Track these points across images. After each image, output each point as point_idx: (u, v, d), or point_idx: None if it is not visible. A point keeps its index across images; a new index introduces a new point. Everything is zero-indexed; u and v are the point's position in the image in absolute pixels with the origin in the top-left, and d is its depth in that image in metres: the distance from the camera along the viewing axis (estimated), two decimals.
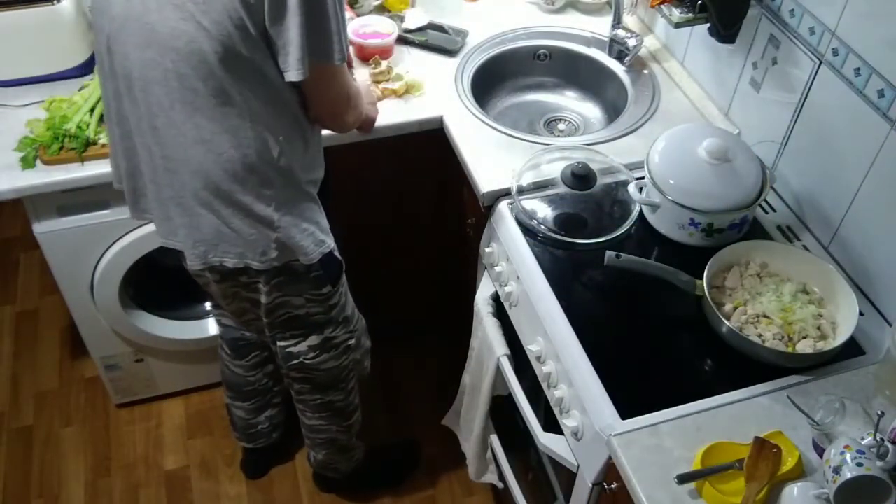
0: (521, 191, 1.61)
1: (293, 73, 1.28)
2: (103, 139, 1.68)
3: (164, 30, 1.24)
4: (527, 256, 1.51)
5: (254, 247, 1.43)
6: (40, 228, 1.77)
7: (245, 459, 2.22)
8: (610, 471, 1.27)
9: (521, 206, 1.59)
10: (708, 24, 1.65)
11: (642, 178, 1.56)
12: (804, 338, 1.33)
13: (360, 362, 1.85)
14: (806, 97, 1.50)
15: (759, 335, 1.33)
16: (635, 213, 1.58)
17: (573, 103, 2.04)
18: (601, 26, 2.04)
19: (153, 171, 1.40)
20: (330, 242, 1.53)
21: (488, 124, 1.78)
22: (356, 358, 1.81)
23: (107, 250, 1.85)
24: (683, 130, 1.57)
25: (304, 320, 1.62)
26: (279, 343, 1.69)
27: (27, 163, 1.68)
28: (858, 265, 1.45)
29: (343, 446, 2.00)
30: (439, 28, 2.01)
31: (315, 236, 1.48)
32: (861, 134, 1.38)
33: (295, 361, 1.70)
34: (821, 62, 1.45)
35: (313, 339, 1.67)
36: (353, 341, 1.75)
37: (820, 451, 1.19)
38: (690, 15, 1.65)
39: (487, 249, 1.67)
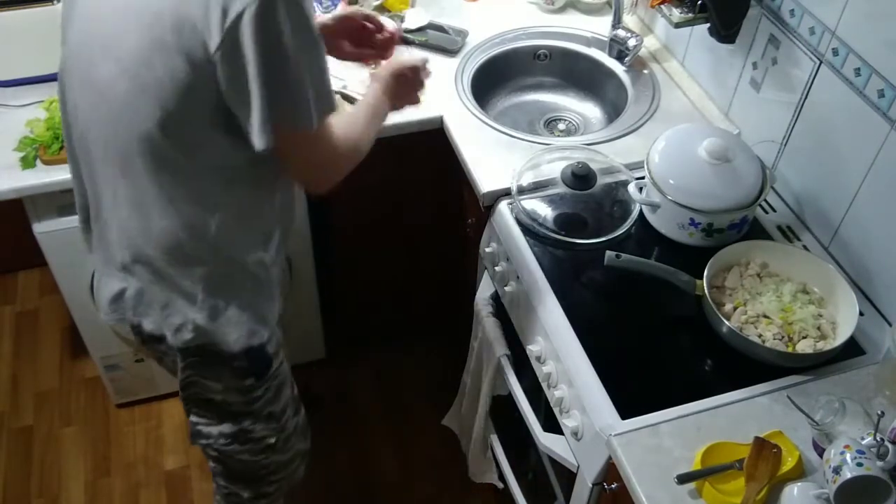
0: (521, 191, 1.61)
1: (256, 142, 1.12)
2: None
3: (102, 78, 1.13)
4: (527, 256, 1.51)
5: (170, 320, 1.29)
6: (40, 228, 1.77)
7: None
8: (610, 471, 1.27)
9: (521, 206, 1.59)
10: (708, 24, 1.65)
11: (642, 178, 1.56)
12: (804, 338, 1.33)
13: (285, 465, 1.58)
14: (806, 97, 1.50)
15: (759, 335, 1.33)
16: (635, 213, 1.59)
17: (573, 103, 2.04)
18: (601, 26, 2.04)
19: (94, 215, 1.31)
20: (264, 335, 1.35)
21: (488, 124, 1.78)
22: (279, 460, 1.55)
23: None
24: (683, 130, 1.57)
25: (219, 406, 1.43)
26: (191, 418, 1.48)
27: (27, 163, 1.68)
28: (858, 265, 1.45)
29: None
30: (439, 28, 2.01)
31: (246, 326, 1.31)
32: (861, 134, 1.38)
33: (204, 441, 1.49)
34: (821, 62, 1.45)
35: (227, 427, 1.46)
36: (273, 440, 1.51)
37: (820, 451, 1.19)
38: (690, 15, 1.66)
39: (487, 249, 1.67)
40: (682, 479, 1.15)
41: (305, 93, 1.13)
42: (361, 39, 1.57)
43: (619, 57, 1.95)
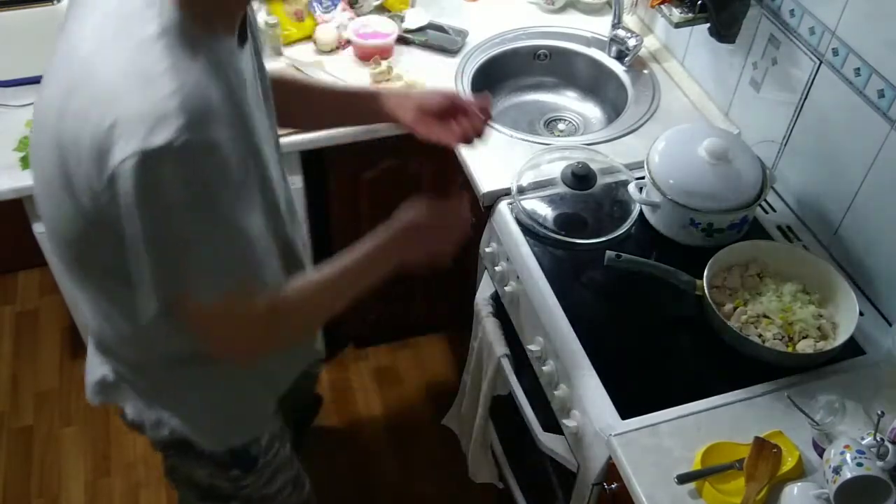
0: (521, 191, 1.61)
1: (140, 307, 0.97)
2: None
3: (36, 193, 1.08)
4: (527, 256, 1.51)
5: (146, 415, 1.22)
6: (40, 228, 1.77)
7: None
8: (610, 471, 1.27)
9: (521, 206, 1.59)
10: (708, 24, 1.65)
11: (642, 178, 1.56)
12: (804, 338, 1.33)
13: None
14: (806, 97, 1.50)
15: (760, 335, 1.33)
16: (635, 213, 1.58)
17: (573, 103, 2.04)
18: (601, 26, 2.04)
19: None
20: (246, 436, 1.27)
21: (488, 124, 1.78)
22: None
23: None
24: (683, 130, 1.57)
25: (206, 489, 1.35)
26: (179, 493, 1.42)
27: (27, 163, 1.67)
28: (858, 265, 1.45)
29: None
30: (439, 28, 2.01)
31: (225, 428, 1.24)
32: (861, 134, 1.38)
33: None
34: (821, 62, 1.45)
35: None
36: None
37: (820, 451, 1.19)
38: (690, 15, 1.66)
39: (487, 249, 1.67)
40: (682, 479, 1.15)
41: (201, 264, 0.95)
42: (446, 120, 1.37)
43: (619, 57, 1.95)
